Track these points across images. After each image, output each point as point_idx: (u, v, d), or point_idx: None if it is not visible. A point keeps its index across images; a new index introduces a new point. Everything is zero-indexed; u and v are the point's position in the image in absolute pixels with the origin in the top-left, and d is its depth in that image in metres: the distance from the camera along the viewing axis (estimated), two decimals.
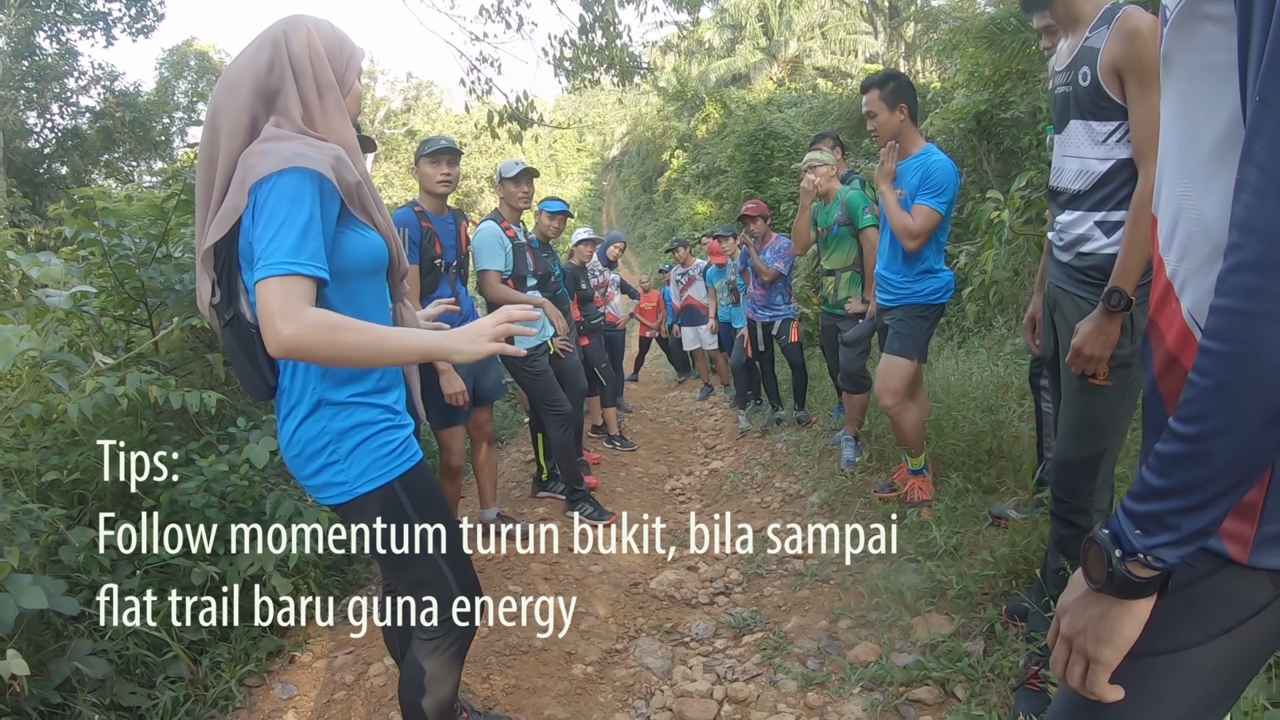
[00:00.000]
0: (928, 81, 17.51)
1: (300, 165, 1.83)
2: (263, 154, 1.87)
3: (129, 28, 25.81)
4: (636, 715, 3.25)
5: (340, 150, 2.01)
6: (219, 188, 1.94)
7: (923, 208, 4.12)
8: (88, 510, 3.53)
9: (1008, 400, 5.05)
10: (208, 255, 1.98)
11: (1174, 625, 1.20)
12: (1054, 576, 2.72)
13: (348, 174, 1.98)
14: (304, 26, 2.01)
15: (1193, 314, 1.14)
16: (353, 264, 2.00)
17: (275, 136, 1.93)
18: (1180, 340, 1.16)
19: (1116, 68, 2.36)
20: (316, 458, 2.05)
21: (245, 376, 2.13)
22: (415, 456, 2.18)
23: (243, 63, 1.97)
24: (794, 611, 3.94)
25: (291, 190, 1.81)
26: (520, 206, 5.19)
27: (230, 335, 2.07)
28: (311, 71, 2.00)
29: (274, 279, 1.75)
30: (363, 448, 2.06)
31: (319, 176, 1.86)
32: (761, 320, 7.54)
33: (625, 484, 6.89)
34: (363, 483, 2.06)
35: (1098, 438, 2.57)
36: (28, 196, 20.38)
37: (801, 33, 34.05)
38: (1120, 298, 2.28)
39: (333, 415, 2.03)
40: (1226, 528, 1.12)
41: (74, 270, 4.04)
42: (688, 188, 30.54)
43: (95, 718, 2.75)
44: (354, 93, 2.14)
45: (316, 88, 2.01)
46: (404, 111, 50.04)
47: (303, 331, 1.73)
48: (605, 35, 10.86)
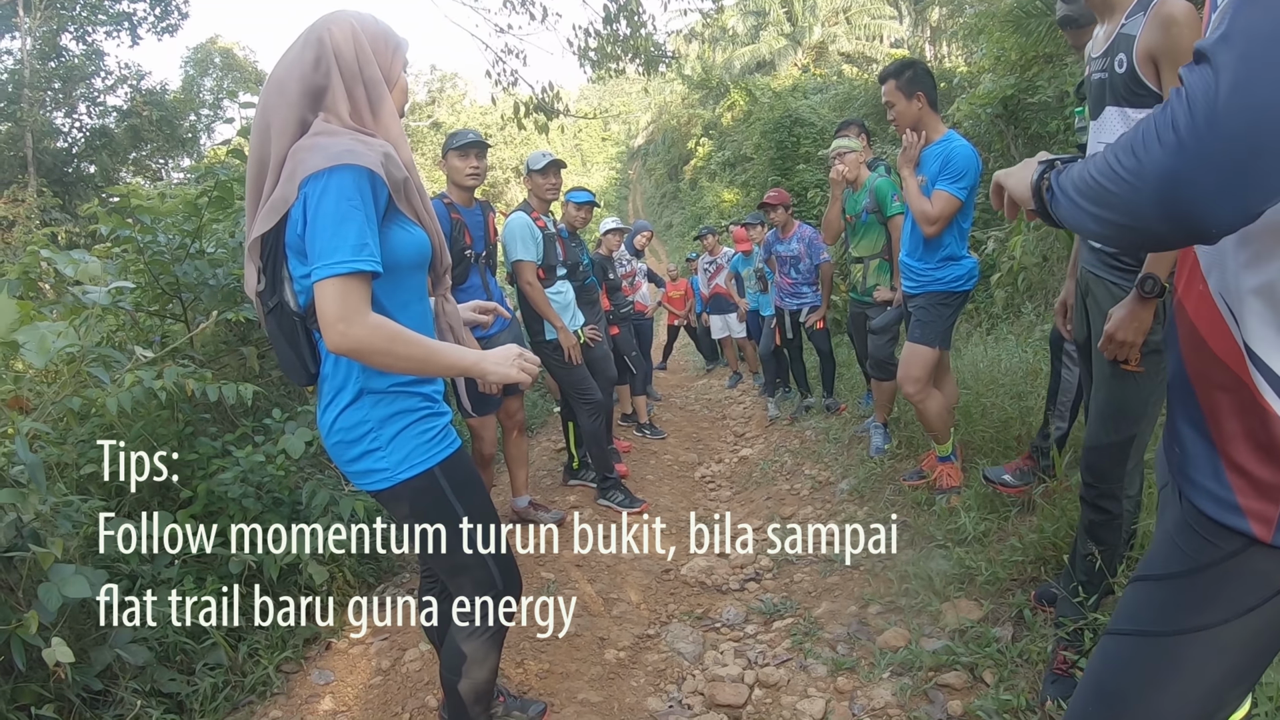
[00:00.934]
0: (954, 66, 17.39)
1: (352, 162, 1.87)
2: (313, 149, 1.91)
3: (154, 27, 26.06)
4: (668, 699, 3.29)
5: (389, 146, 2.05)
6: (269, 183, 1.98)
7: (942, 193, 4.12)
8: (125, 502, 3.61)
9: (1036, 387, 5.03)
10: (254, 245, 2.02)
11: (1200, 604, 1.23)
12: (1083, 561, 2.73)
13: (396, 170, 2.02)
14: (348, 22, 2.04)
15: (1220, 294, 1.16)
16: (398, 259, 2.03)
17: (325, 132, 1.97)
18: (1208, 320, 1.18)
19: (1152, 55, 2.34)
20: (358, 444, 2.09)
21: (287, 362, 2.17)
22: (455, 443, 2.22)
23: (289, 61, 2.01)
24: (824, 597, 3.97)
25: (347, 188, 1.85)
26: (548, 198, 5.23)
27: (273, 322, 2.11)
28: (358, 67, 2.03)
29: (336, 279, 1.80)
30: (404, 434, 2.10)
31: (370, 174, 1.90)
32: (789, 308, 7.55)
33: (655, 471, 6.93)
34: (404, 469, 2.10)
35: (1129, 423, 2.58)
36: (57, 195, 20.62)
37: (825, 18, 33.81)
38: (1154, 284, 2.28)
39: (374, 403, 2.07)
40: (1251, 508, 1.15)
41: (109, 267, 4.12)
42: (714, 176, 30.40)
43: (136, 704, 2.81)
44: (400, 85, 2.17)
45: (363, 84, 2.04)
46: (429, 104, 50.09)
47: (367, 336, 1.82)
48: (629, 24, 10.82)
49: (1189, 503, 1.24)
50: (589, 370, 5.42)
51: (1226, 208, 0.95)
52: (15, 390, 3.28)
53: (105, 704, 2.87)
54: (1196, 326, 1.21)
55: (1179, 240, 1.04)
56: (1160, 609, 1.29)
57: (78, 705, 2.78)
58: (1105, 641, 1.39)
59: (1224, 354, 1.16)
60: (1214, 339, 1.18)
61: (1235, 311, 1.14)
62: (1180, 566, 1.26)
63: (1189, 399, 1.24)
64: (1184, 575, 1.25)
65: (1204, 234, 0.99)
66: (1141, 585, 1.35)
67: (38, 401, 3.23)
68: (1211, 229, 0.97)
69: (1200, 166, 0.94)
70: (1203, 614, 1.23)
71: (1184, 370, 1.25)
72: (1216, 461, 1.19)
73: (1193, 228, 0.98)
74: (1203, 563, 1.21)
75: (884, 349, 5.40)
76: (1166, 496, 1.35)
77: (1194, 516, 1.23)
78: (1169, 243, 1.07)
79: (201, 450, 3.79)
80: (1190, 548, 1.24)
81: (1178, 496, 1.29)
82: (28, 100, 22.21)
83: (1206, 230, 0.98)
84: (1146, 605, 1.32)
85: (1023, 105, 9.21)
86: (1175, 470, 1.28)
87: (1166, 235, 1.03)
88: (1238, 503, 1.16)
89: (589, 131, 63.05)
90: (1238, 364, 1.14)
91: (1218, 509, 1.18)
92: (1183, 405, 1.26)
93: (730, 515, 5.74)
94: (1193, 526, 1.24)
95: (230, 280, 4.24)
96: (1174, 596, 1.27)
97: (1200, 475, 1.22)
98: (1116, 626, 1.37)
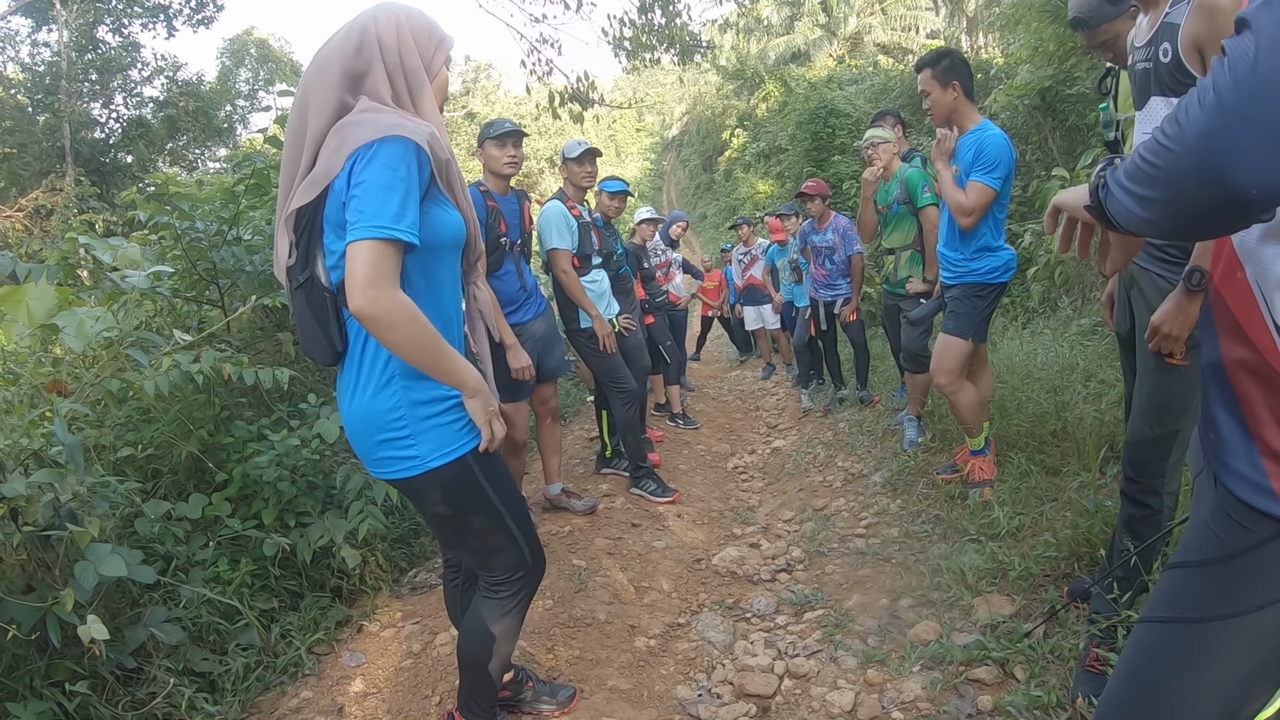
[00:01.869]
0: (990, 57, 17.18)
1: (401, 134, 1.89)
2: (360, 123, 1.93)
3: (189, 19, 26.24)
4: (698, 688, 3.29)
5: (434, 127, 2.07)
6: (305, 161, 2.00)
7: (976, 184, 4.09)
8: (161, 484, 3.66)
9: (1072, 381, 5.00)
10: (290, 218, 2.05)
11: (1235, 590, 1.23)
12: (1119, 557, 2.70)
13: (440, 150, 2.04)
14: (394, 13, 2.07)
15: (1258, 282, 1.15)
16: (436, 238, 2.04)
17: (372, 109, 2.00)
18: (1245, 309, 1.17)
19: (1198, 43, 2.29)
20: (385, 430, 2.09)
21: (312, 340, 2.15)
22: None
23: (333, 45, 2.04)
24: (855, 590, 3.95)
25: (394, 158, 1.87)
26: (584, 185, 5.24)
27: (302, 298, 2.10)
28: (399, 57, 2.06)
29: (371, 241, 1.81)
30: (434, 421, 2.10)
31: (417, 146, 1.92)
32: (824, 299, 7.52)
33: (688, 461, 6.92)
34: (436, 457, 2.10)
35: (1172, 418, 2.55)
36: (95, 185, 20.88)
37: (861, 9, 33.55)
38: (1201, 277, 2.25)
39: (407, 389, 2.07)
40: None
41: (148, 253, 4.17)
42: (748, 167, 30.33)
43: (169, 682, 2.84)
44: (441, 79, 2.19)
45: (404, 73, 2.07)
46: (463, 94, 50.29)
47: (392, 307, 1.83)
48: (664, 14, 10.83)
49: (1224, 488, 1.23)
50: (623, 359, 5.43)
51: (1265, 164, 0.93)
52: (55, 374, 3.33)
53: (138, 682, 2.91)
54: (1234, 314, 1.20)
55: (1221, 210, 1.02)
56: (1195, 596, 1.29)
57: (111, 682, 2.81)
58: (1139, 629, 1.38)
59: (1260, 342, 1.15)
60: (1250, 327, 1.17)
61: (1269, 300, 1.13)
62: (1215, 553, 1.25)
63: (1224, 385, 1.24)
64: (1219, 562, 1.25)
65: (1244, 195, 0.97)
66: (1177, 572, 1.34)
67: (76, 385, 3.28)
68: (1251, 188, 0.95)
69: (1238, 122, 0.93)
70: (1237, 600, 1.22)
71: (1220, 357, 1.25)
72: (1252, 447, 1.19)
73: (1232, 187, 0.97)
74: (1238, 549, 1.21)
75: (917, 341, 5.37)
76: (1202, 483, 1.35)
77: (1229, 502, 1.23)
78: (1212, 215, 1.04)
79: (237, 434, 3.83)
80: (1226, 534, 1.24)
81: (1213, 483, 1.28)
82: (65, 91, 22.50)
83: (1246, 190, 0.96)
84: (1181, 592, 1.32)
85: (1060, 97, 9.11)
86: (1210, 456, 1.27)
87: (1208, 203, 1.01)
88: (1273, 488, 1.15)
89: (624, 122, 63.11)
90: (1272, 352, 1.13)
91: (1253, 494, 1.18)
92: (1219, 391, 1.26)
93: (762, 507, 5.74)
94: (1228, 513, 1.24)
95: (267, 266, 4.28)
96: (1209, 583, 1.27)
97: (1235, 461, 1.21)
98: (1151, 614, 1.36)
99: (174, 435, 3.72)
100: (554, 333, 4.87)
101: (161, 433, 3.70)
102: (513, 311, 4.49)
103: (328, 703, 3.09)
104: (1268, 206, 0.99)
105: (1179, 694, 1.28)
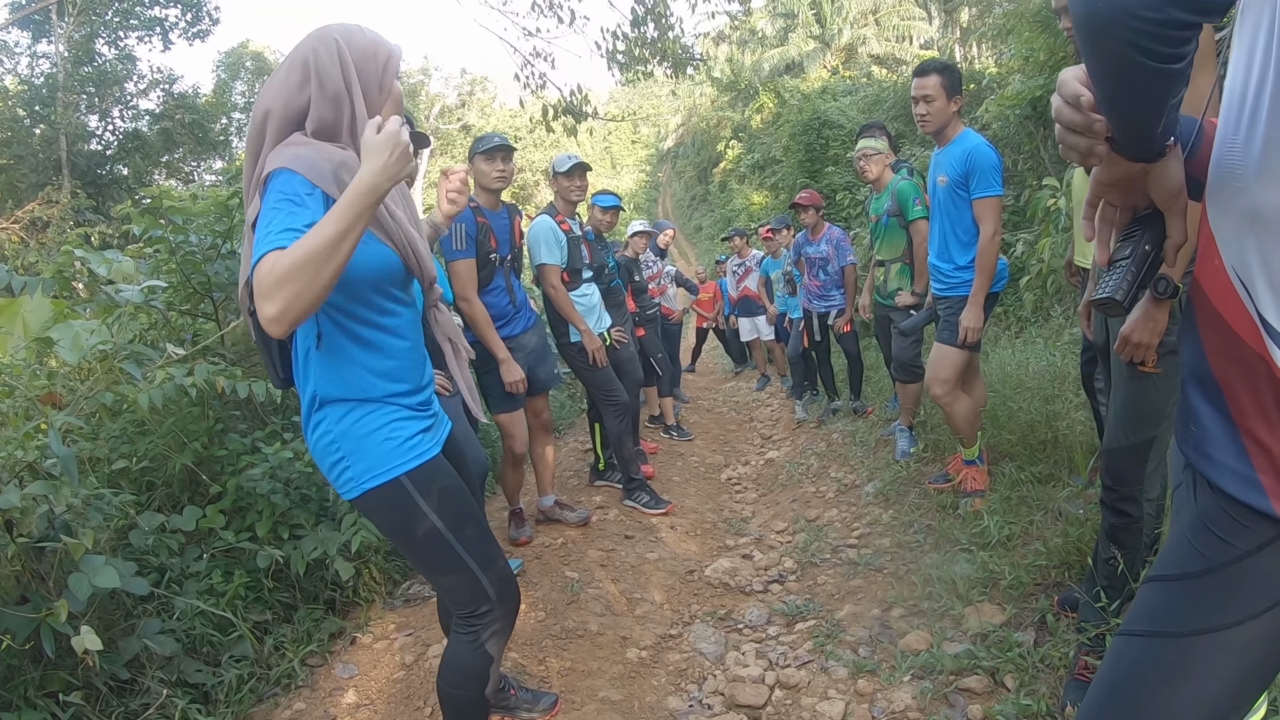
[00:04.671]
0: (983, 67, 17.27)
1: (296, 169, 1.88)
2: (274, 156, 1.93)
3: (185, 32, 26.27)
4: (689, 699, 3.31)
5: (350, 158, 2.03)
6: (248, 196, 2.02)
7: (983, 201, 4.14)
8: (155, 496, 3.67)
9: (1064, 390, 5.02)
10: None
11: (1214, 605, 1.23)
12: (1104, 566, 2.72)
13: (350, 179, 1.92)
14: (333, 40, 2.02)
15: (1235, 269, 1.16)
16: (355, 271, 1.99)
17: (292, 142, 1.98)
18: (1223, 295, 1.18)
19: None
20: (327, 453, 2.10)
21: (266, 365, 2.22)
22: (430, 452, 2.19)
23: (276, 86, 2.02)
24: (847, 600, 3.97)
25: (284, 186, 1.85)
26: (574, 200, 5.25)
27: (253, 324, 2.05)
28: (343, 84, 2.03)
29: (261, 260, 1.73)
30: (367, 442, 2.07)
31: (308, 182, 1.89)
32: (818, 310, 7.55)
33: (682, 473, 6.93)
34: (368, 478, 2.07)
35: (1148, 425, 2.57)
36: (91, 197, 20.87)
37: (854, 20, 33.66)
38: (1167, 285, 2.27)
39: (339, 415, 2.07)
40: (1272, 487, 1.15)
41: (142, 267, 4.19)
42: (743, 178, 30.38)
43: (163, 693, 2.85)
44: (395, 94, 2.15)
45: (349, 100, 2.04)
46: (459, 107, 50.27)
47: (276, 295, 1.70)
48: (658, 27, 10.87)
49: (1210, 485, 1.24)
50: (615, 372, 5.44)
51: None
52: (49, 386, 3.34)
53: (132, 693, 2.92)
54: (1212, 302, 1.21)
55: (1120, 55, 1.05)
56: (1174, 609, 1.29)
57: (105, 693, 2.83)
58: (1118, 642, 1.39)
59: (1241, 328, 1.16)
60: (1230, 313, 1.18)
61: (1249, 286, 1.14)
62: (1195, 567, 1.26)
63: (1206, 377, 1.24)
64: (1198, 576, 1.25)
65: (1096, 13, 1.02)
66: (1156, 586, 1.35)
67: (71, 397, 3.29)
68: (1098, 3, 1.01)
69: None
70: (1216, 615, 1.23)
71: (1200, 348, 1.25)
72: (1237, 438, 1.18)
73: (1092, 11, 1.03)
74: (1217, 563, 1.21)
75: (908, 351, 5.39)
76: (1181, 496, 1.35)
77: (1214, 505, 1.23)
78: (1124, 68, 1.07)
79: (231, 446, 3.85)
80: (1205, 548, 1.24)
81: (1193, 496, 1.29)
82: (62, 104, 22.55)
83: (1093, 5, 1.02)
84: (1160, 606, 1.32)
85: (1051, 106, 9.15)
86: (1193, 450, 1.27)
87: (1103, 51, 1.08)
88: (1259, 479, 1.16)
89: (619, 134, 63.16)
90: (1254, 338, 1.14)
91: (1240, 486, 1.17)
92: (1199, 384, 1.25)
93: (755, 518, 5.75)
94: (1207, 526, 1.24)
95: None
96: (1188, 597, 1.27)
97: (1220, 453, 1.21)
98: (1130, 627, 1.37)
99: (168, 448, 3.73)
100: (545, 345, 4.88)
101: (156, 445, 3.71)
102: (503, 325, 4.49)
103: (320, 714, 3.11)
104: (1130, 32, 1.01)
105: (1157, 707, 1.28)
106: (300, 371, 2.11)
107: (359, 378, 2.08)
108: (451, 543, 2.17)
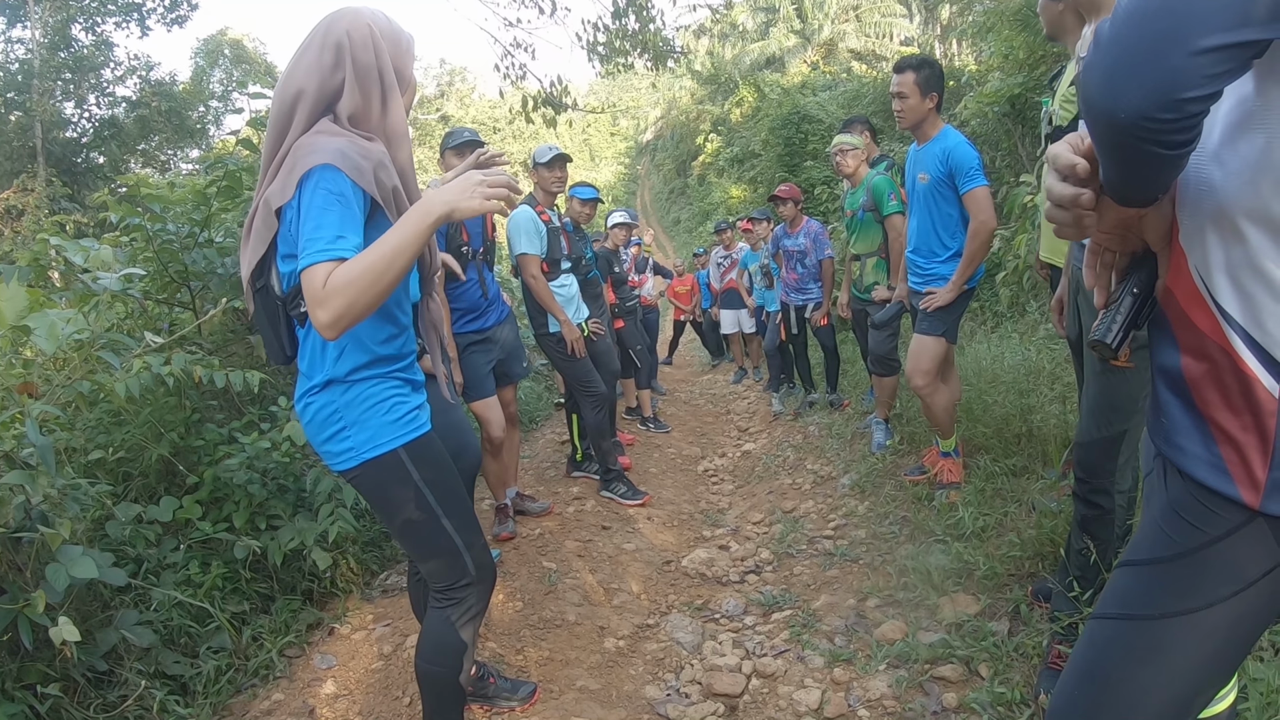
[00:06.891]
0: (963, 64, 17.33)
1: (340, 166, 1.90)
2: (312, 149, 1.93)
3: (163, 18, 26.13)
4: (666, 688, 3.33)
5: (384, 154, 2.07)
6: (273, 172, 2.02)
7: (974, 193, 4.17)
8: (132, 487, 3.66)
9: (1039, 384, 5.06)
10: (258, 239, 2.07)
11: (1184, 589, 1.27)
12: (1077, 557, 2.75)
13: (387, 178, 2.04)
14: (365, 23, 2.04)
15: (1197, 268, 1.20)
16: None
17: (328, 131, 2.00)
18: (1188, 296, 1.22)
19: None
20: (326, 425, 2.13)
21: (268, 342, 2.25)
22: (425, 427, 2.24)
23: (308, 65, 2.02)
24: (823, 590, 4.00)
25: (332, 185, 1.88)
26: (554, 190, 5.24)
27: (259, 302, 2.17)
28: (376, 70, 2.06)
29: (314, 266, 1.81)
30: (369, 414, 2.12)
31: (351, 182, 1.92)
32: (795, 303, 7.57)
33: (659, 465, 6.96)
34: (368, 449, 2.12)
35: (1120, 418, 2.60)
36: (66, 185, 20.75)
37: (835, 16, 33.72)
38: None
39: (343, 390, 2.11)
40: (1238, 474, 1.18)
41: (119, 255, 4.16)
42: (722, 172, 30.42)
43: (140, 684, 2.84)
44: (412, 84, 2.20)
45: (380, 85, 2.07)
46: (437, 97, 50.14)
47: (336, 303, 1.79)
48: (638, 19, 10.84)
49: (1180, 473, 1.27)
50: (593, 363, 5.45)
51: (1125, 88, 1.03)
52: (25, 375, 3.31)
53: (110, 684, 2.91)
54: (1180, 302, 1.24)
55: (1127, 145, 1.08)
56: (1145, 593, 1.32)
57: (82, 685, 2.81)
58: (1091, 625, 1.42)
59: (1204, 325, 1.19)
60: (1195, 313, 1.21)
61: (1210, 283, 1.18)
62: (1165, 552, 1.29)
63: (1174, 373, 1.27)
64: (1169, 561, 1.28)
65: (1113, 119, 1.06)
66: (1128, 570, 1.38)
67: (47, 387, 3.27)
68: (1119, 112, 1.05)
69: (1103, 55, 1.05)
70: (1186, 599, 1.26)
71: (1169, 344, 1.28)
72: (1205, 428, 1.22)
73: (1106, 114, 1.07)
74: (1188, 548, 1.25)
75: (884, 344, 5.42)
76: (1152, 483, 1.38)
77: (1184, 492, 1.26)
78: (1130, 154, 1.10)
79: (208, 436, 3.83)
80: (1176, 533, 1.27)
81: (1163, 483, 1.32)
82: (38, 90, 22.33)
83: (1114, 114, 1.05)
84: (1132, 589, 1.35)
85: (1030, 104, 9.21)
86: (1164, 440, 1.30)
87: (1111, 140, 1.10)
88: (1227, 468, 1.19)
89: (598, 126, 63.10)
90: (1215, 331, 1.18)
91: (1210, 474, 1.21)
92: (1168, 378, 1.29)
93: (732, 509, 5.78)
94: (1178, 512, 1.27)
95: (238, 269, 4.27)
96: (1158, 581, 1.30)
97: (1189, 442, 1.24)
98: (1102, 610, 1.40)
99: (145, 438, 3.71)
100: (517, 338, 4.87)
101: (133, 435, 3.69)
102: (475, 318, 4.47)
103: (299, 705, 3.10)
104: (1148, 133, 1.04)
105: (1129, 688, 1.31)
106: (306, 353, 2.14)
107: (364, 350, 2.12)
108: (439, 516, 2.22)
